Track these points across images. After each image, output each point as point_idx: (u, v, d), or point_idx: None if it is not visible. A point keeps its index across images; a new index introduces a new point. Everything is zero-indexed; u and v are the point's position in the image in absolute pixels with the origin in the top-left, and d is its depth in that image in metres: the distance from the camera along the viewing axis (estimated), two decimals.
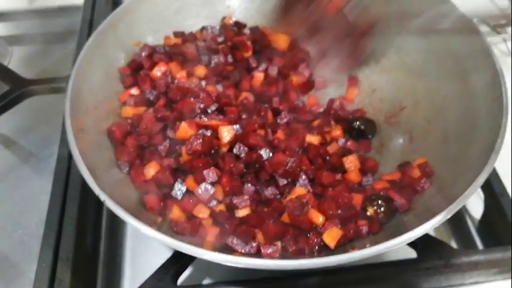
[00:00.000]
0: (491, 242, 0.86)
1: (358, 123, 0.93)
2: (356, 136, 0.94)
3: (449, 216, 0.64)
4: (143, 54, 0.97)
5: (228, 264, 0.63)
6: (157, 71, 0.94)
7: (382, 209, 0.76)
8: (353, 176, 0.84)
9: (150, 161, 0.81)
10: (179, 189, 0.79)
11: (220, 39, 1.03)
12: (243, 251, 0.70)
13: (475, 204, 0.90)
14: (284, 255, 0.70)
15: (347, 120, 0.95)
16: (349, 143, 0.91)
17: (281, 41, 1.03)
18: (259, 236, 0.72)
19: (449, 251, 0.77)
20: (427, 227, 0.64)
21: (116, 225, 0.92)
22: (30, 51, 1.29)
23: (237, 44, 1.00)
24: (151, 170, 0.80)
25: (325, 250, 0.71)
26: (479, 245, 0.88)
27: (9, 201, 0.98)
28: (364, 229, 0.73)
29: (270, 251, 0.69)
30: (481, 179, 0.67)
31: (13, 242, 0.91)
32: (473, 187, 0.67)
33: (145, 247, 0.89)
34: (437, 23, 0.91)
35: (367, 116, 0.98)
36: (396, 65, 0.98)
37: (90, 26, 1.19)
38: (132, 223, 0.65)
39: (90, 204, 0.87)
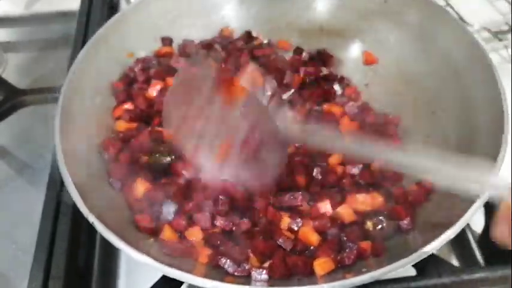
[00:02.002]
0: (492, 257, 0.84)
1: None
2: None
3: (453, 236, 0.64)
4: (136, 68, 0.96)
5: None
6: (153, 91, 0.93)
7: (381, 226, 0.75)
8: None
9: (139, 179, 0.80)
10: (170, 210, 0.78)
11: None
12: (234, 272, 0.69)
13: (475, 219, 0.88)
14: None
15: None
16: None
17: None
18: (252, 259, 0.71)
19: (449, 268, 0.75)
20: (432, 247, 0.63)
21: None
22: (26, 58, 1.27)
23: None
24: (140, 187, 0.79)
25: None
26: (480, 261, 0.86)
27: (3, 214, 0.96)
28: (367, 252, 0.72)
29: (258, 275, 0.68)
30: (484, 196, 0.66)
31: (7, 256, 0.90)
32: (476, 205, 0.66)
33: (141, 265, 0.87)
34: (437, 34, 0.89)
35: None
36: (395, 76, 0.97)
37: (85, 33, 1.17)
38: (122, 247, 0.64)
39: (84, 219, 0.84)
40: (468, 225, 0.90)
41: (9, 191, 1.00)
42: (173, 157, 0.81)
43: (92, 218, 0.66)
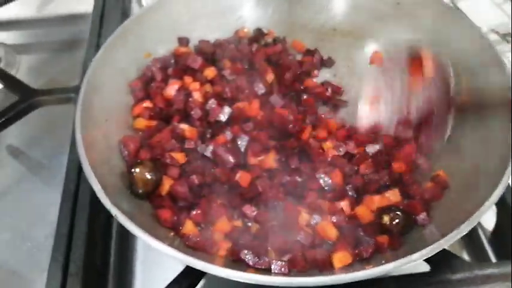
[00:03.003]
0: (504, 254, 0.86)
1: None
2: None
3: (465, 233, 0.64)
4: (154, 68, 0.97)
5: (239, 280, 0.63)
6: (172, 90, 0.94)
7: (397, 220, 0.75)
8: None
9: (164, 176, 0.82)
10: None
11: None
12: (255, 265, 0.70)
13: (487, 216, 0.88)
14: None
15: None
16: None
17: None
18: (271, 252, 0.72)
19: (462, 264, 0.76)
20: (446, 242, 0.64)
21: (126, 239, 0.92)
22: (38, 59, 1.28)
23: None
24: (165, 185, 0.81)
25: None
26: (492, 257, 0.87)
27: (17, 213, 0.96)
28: (384, 246, 0.73)
29: (278, 266, 0.69)
30: (496, 194, 0.68)
31: (22, 254, 0.90)
32: (489, 203, 0.67)
33: (156, 261, 0.88)
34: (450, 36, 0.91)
35: None
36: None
37: (98, 35, 1.19)
38: (143, 238, 0.65)
39: (100, 217, 0.86)
40: (480, 223, 0.91)
41: (23, 191, 1.00)
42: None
43: (114, 211, 0.67)
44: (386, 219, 0.75)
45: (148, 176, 0.79)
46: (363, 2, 1.03)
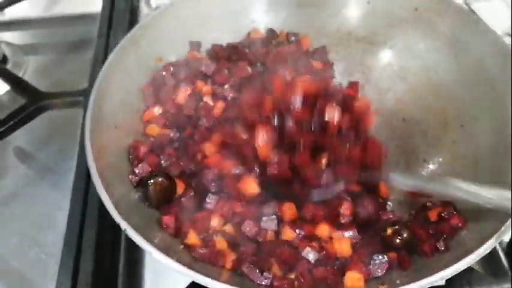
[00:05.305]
0: None
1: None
2: None
3: (487, 252, 0.63)
4: (165, 73, 0.96)
5: None
6: (183, 96, 0.93)
7: (401, 235, 0.73)
8: None
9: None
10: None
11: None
12: (257, 281, 0.68)
13: None
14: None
15: None
16: None
17: None
18: (275, 267, 0.70)
19: (479, 278, 0.76)
20: (462, 265, 0.64)
21: (135, 247, 0.89)
22: (46, 60, 1.27)
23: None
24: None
25: None
26: (507, 269, 0.85)
27: (25, 217, 0.95)
28: (394, 263, 0.71)
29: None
30: None
31: (30, 259, 0.89)
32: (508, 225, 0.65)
33: (166, 269, 0.86)
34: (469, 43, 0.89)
35: None
36: (424, 84, 0.96)
37: (107, 36, 1.18)
38: (154, 253, 0.65)
39: (109, 226, 0.85)
40: None
41: (31, 194, 0.99)
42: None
43: (124, 225, 0.66)
44: (389, 231, 0.74)
45: (164, 187, 0.79)
46: (379, 6, 1.01)
